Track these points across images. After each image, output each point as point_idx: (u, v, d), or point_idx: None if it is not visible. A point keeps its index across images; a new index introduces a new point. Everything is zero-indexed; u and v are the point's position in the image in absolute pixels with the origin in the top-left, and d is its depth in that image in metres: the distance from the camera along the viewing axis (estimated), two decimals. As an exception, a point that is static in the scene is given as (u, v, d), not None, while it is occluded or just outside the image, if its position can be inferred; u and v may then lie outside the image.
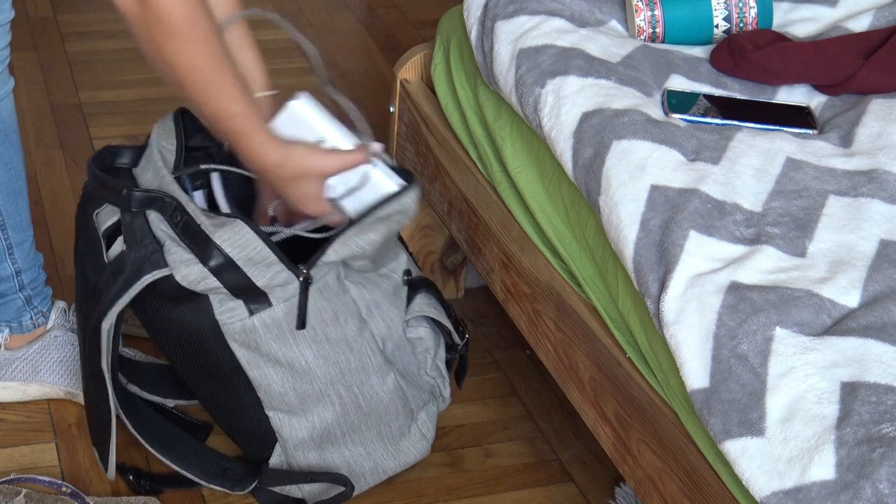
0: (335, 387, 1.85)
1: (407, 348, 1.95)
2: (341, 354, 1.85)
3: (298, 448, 1.88)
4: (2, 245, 1.99)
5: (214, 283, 1.75)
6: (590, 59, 1.87)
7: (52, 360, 2.06)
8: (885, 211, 1.65)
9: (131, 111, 2.91)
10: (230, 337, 1.80)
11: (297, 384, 1.84)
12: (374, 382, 1.88)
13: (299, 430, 1.87)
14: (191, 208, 1.75)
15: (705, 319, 1.53)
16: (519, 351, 2.29)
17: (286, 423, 1.86)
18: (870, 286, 1.55)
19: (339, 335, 1.84)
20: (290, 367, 1.82)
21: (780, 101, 1.89)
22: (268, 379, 1.83)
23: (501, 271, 1.99)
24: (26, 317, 2.05)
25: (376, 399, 1.89)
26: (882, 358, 1.45)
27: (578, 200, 1.81)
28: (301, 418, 1.86)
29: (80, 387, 2.06)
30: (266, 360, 1.82)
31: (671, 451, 1.61)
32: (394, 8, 3.47)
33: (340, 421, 1.88)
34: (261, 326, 1.79)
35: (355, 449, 1.91)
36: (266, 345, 1.80)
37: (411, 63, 2.27)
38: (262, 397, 1.85)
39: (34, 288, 2.05)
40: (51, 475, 1.96)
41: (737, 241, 1.62)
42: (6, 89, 1.93)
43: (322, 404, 1.86)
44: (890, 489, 1.33)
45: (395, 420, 1.92)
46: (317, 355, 1.83)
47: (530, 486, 2.03)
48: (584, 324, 1.78)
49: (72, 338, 2.07)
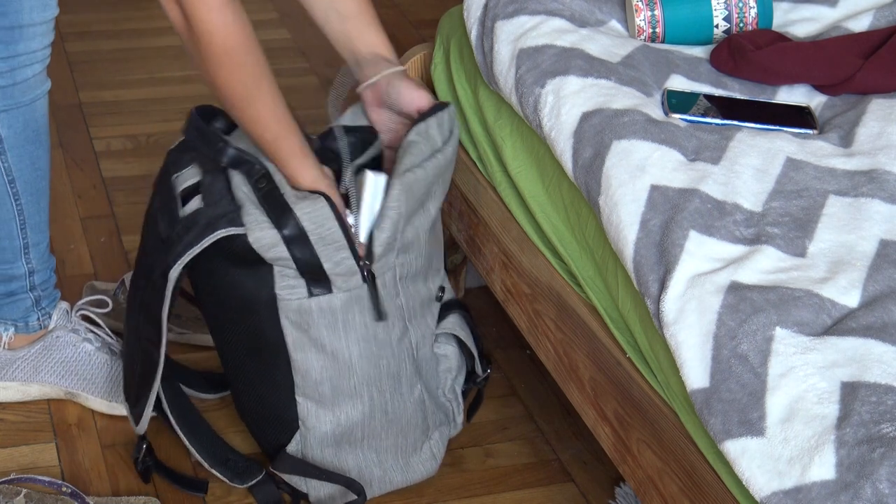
0: (369, 387, 1.85)
1: (433, 363, 1.95)
2: (384, 357, 1.85)
3: (318, 441, 1.87)
4: (19, 244, 2.00)
5: (284, 253, 1.75)
6: (590, 58, 1.87)
7: (53, 361, 2.06)
8: (885, 211, 1.65)
9: (131, 111, 2.91)
10: (284, 313, 1.80)
11: (335, 376, 1.83)
12: (404, 391, 1.88)
13: (324, 424, 1.86)
14: (277, 178, 1.77)
15: (705, 319, 1.53)
16: (519, 351, 2.29)
17: (313, 412, 1.85)
18: (870, 286, 1.55)
19: (386, 337, 1.84)
20: (333, 357, 1.82)
21: (780, 101, 1.89)
22: (308, 364, 1.82)
23: (501, 271, 1.99)
24: (33, 317, 2.06)
25: (402, 408, 1.89)
26: (882, 358, 1.45)
27: (578, 200, 1.81)
28: (329, 411, 1.85)
29: (80, 387, 2.06)
30: (312, 345, 1.81)
31: (671, 451, 1.61)
32: (394, 8, 3.47)
33: (365, 423, 1.87)
34: (316, 310, 1.79)
35: (370, 455, 1.90)
36: (317, 329, 1.80)
37: (411, 63, 2.26)
38: (298, 381, 1.84)
39: (44, 289, 2.05)
40: (51, 475, 1.96)
41: (737, 241, 1.62)
42: (42, 89, 1.95)
43: (353, 402, 1.85)
44: (890, 489, 1.33)
45: (412, 433, 1.92)
46: (362, 352, 1.83)
47: (530, 486, 2.03)
48: (584, 324, 1.78)
49: (73, 339, 2.07)
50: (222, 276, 1.82)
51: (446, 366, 1.99)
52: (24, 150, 1.95)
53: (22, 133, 1.93)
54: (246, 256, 1.77)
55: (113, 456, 2.01)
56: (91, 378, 2.06)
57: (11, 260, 2.00)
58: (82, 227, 2.52)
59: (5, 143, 1.92)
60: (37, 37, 1.88)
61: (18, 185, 1.96)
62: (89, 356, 2.06)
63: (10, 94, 1.90)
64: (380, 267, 1.81)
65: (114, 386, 2.06)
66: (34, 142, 1.96)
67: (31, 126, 1.94)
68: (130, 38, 3.26)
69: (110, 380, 2.06)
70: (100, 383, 2.06)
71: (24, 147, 1.94)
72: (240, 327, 1.85)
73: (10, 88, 1.89)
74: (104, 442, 2.04)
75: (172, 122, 2.84)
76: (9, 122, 1.91)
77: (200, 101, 1.93)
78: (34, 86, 1.92)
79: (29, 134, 1.94)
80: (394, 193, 1.79)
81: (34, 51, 1.89)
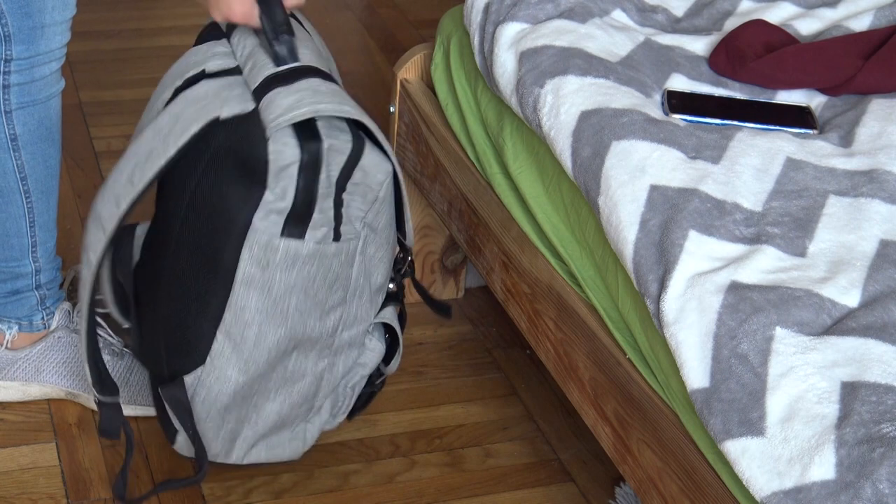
0: (288, 343, 1.82)
1: (353, 350, 1.93)
2: (313, 317, 1.82)
3: (217, 382, 1.82)
4: (27, 242, 2.00)
5: (293, 176, 1.73)
6: (589, 58, 1.87)
7: (55, 361, 2.06)
8: (885, 211, 1.65)
9: (131, 111, 2.91)
10: (249, 243, 1.76)
11: (265, 322, 1.79)
12: (310, 358, 1.85)
13: (231, 368, 1.82)
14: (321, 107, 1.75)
15: (705, 319, 1.53)
16: (519, 351, 2.29)
17: (227, 354, 1.81)
18: (870, 286, 1.55)
19: (323, 300, 1.82)
20: (273, 303, 1.78)
21: (781, 101, 1.89)
22: (246, 301, 1.78)
23: (501, 271, 1.99)
24: (38, 316, 2.06)
25: (301, 375, 1.86)
26: (882, 358, 1.45)
27: (578, 200, 1.81)
28: (241, 358, 1.81)
29: (81, 388, 2.06)
30: (260, 285, 1.77)
31: (671, 451, 1.61)
32: (394, 8, 3.47)
33: (264, 377, 1.84)
34: (283, 251, 1.76)
35: (251, 413, 1.87)
36: (272, 270, 1.77)
37: (411, 63, 2.27)
38: (227, 317, 1.80)
39: (50, 289, 2.06)
40: (51, 475, 1.96)
41: (737, 241, 1.62)
42: (58, 88, 1.96)
43: (265, 355, 1.82)
44: (890, 489, 1.33)
45: (297, 407, 1.90)
46: (298, 305, 1.80)
47: (530, 486, 2.03)
48: (584, 324, 1.78)
49: (75, 339, 2.07)
50: (211, 181, 1.76)
51: (364, 360, 1.96)
52: (38, 147, 1.95)
53: (36, 131, 1.94)
54: (243, 170, 1.74)
55: (113, 456, 2.01)
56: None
57: (19, 257, 2.00)
58: (82, 227, 2.52)
59: (20, 141, 1.93)
60: (56, 35, 1.90)
61: (30, 183, 1.96)
62: None
63: (28, 91, 1.91)
64: (346, 230, 1.80)
65: (121, 387, 2.04)
66: (47, 140, 1.96)
67: (45, 124, 1.95)
68: (130, 38, 3.26)
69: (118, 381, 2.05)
70: None
71: (38, 145, 1.95)
72: (200, 238, 1.79)
73: (27, 86, 1.90)
74: (104, 442, 2.03)
75: (172, 122, 2.84)
76: (24, 119, 1.92)
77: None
78: (51, 83, 1.94)
79: (42, 132, 1.95)
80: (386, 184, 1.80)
81: (53, 49, 1.91)
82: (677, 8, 2.11)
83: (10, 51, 1.87)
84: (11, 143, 1.93)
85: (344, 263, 1.82)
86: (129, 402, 2.03)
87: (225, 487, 1.97)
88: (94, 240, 1.79)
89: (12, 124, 1.91)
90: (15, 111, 1.91)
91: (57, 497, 1.94)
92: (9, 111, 1.91)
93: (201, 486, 1.97)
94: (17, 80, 1.89)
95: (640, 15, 2.06)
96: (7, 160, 1.94)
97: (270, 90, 1.74)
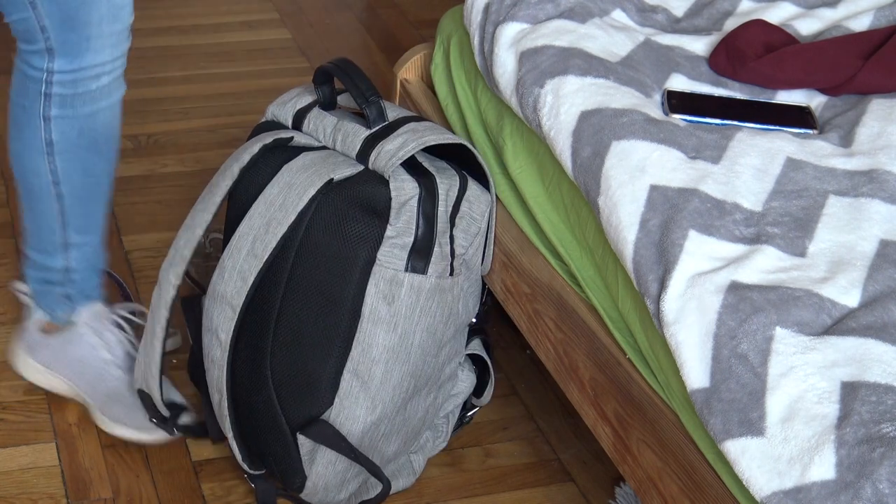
0: (410, 380, 1.83)
1: (450, 382, 1.95)
2: (431, 354, 1.84)
3: (348, 422, 1.82)
4: (59, 240, 1.99)
5: (413, 209, 1.79)
6: (589, 58, 1.87)
7: (70, 357, 2.04)
8: (885, 211, 1.65)
9: (131, 111, 2.89)
10: (375, 279, 1.78)
11: (392, 360, 1.80)
12: (422, 395, 1.88)
13: (360, 407, 1.82)
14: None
15: (705, 319, 1.53)
16: (519, 351, 2.29)
17: (355, 392, 1.81)
18: (870, 286, 1.55)
19: (441, 336, 1.84)
20: (400, 339, 1.80)
21: (781, 101, 1.89)
22: (373, 339, 1.79)
23: (501, 271, 1.99)
24: (60, 309, 2.06)
25: (415, 413, 1.88)
26: (882, 358, 1.45)
27: (578, 201, 1.81)
28: (369, 396, 1.81)
29: (86, 390, 2.04)
30: (387, 320, 1.79)
31: (671, 451, 1.61)
32: (394, 8, 3.47)
33: (390, 420, 1.85)
34: (407, 286, 1.78)
35: (374, 457, 1.87)
36: (399, 305, 1.78)
37: (411, 63, 2.26)
38: (355, 355, 1.80)
39: (79, 289, 2.04)
40: (51, 475, 1.96)
41: (737, 241, 1.62)
42: (108, 101, 1.90)
43: (393, 393, 1.82)
44: (890, 489, 1.33)
45: (409, 442, 1.91)
46: (422, 343, 1.82)
47: (530, 486, 2.03)
48: (584, 324, 1.78)
49: (95, 342, 2.05)
50: (341, 213, 1.79)
51: (458, 390, 1.99)
52: (75, 155, 1.92)
53: (76, 140, 1.90)
54: (373, 205, 1.78)
55: (113, 456, 2.01)
56: (96, 387, 2.04)
57: (51, 252, 2.00)
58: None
59: (55, 147, 1.90)
60: (106, 48, 1.84)
61: (63, 188, 1.94)
62: (104, 365, 2.05)
63: (71, 103, 1.87)
64: (457, 265, 1.85)
65: (115, 404, 2.02)
66: (89, 149, 1.92)
67: (87, 135, 1.91)
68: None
69: (114, 398, 2.03)
70: (101, 396, 2.04)
71: (75, 153, 1.92)
72: (322, 278, 1.80)
73: (69, 98, 1.87)
74: (104, 442, 2.04)
75: (172, 122, 2.84)
76: (63, 127, 1.89)
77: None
78: (97, 97, 1.88)
79: (83, 142, 1.91)
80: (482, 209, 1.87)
81: (102, 63, 1.85)
82: (677, 8, 2.11)
83: (52, 64, 1.83)
84: (47, 147, 1.90)
85: (456, 298, 1.85)
86: None
87: (225, 487, 1.97)
88: (223, 318, 1.81)
89: (49, 130, 1.89)
90: (54, 119, 1.88)
91: (57, 497, 1.94)
92: (47, 117, 1.88)
93: (201, 486, 1.97)
94: (58, 91, 1.86)
95: (640, 15, 2.06)
96: (41, 162, 1.91)
97: (373, 148, 1.80)
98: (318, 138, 1.88)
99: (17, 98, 1.90)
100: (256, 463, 1.90)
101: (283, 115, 1.92)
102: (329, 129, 1.87)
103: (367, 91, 1.85)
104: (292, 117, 1.91)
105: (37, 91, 1.86)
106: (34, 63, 1.85)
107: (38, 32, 1.81)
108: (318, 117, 1.89)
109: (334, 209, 1.79)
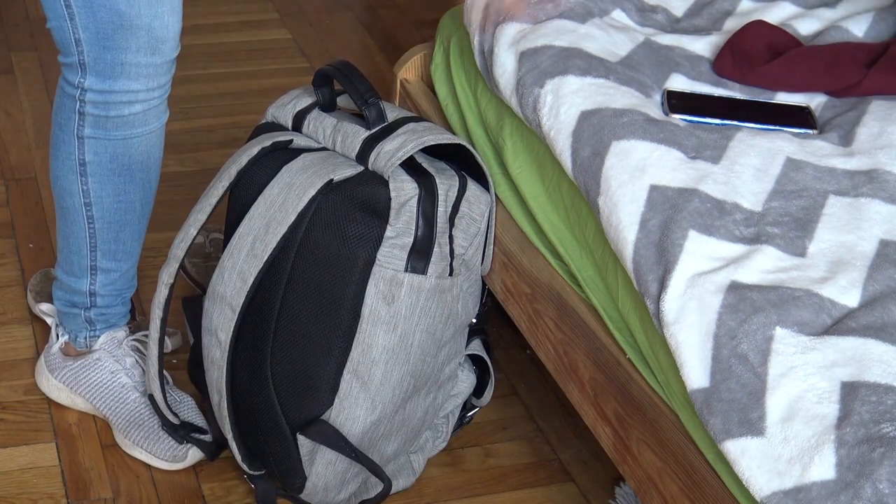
0: (410, 380, 1.83)
1: (450, 382, 1.95)
2: (431, 354, 1.84)
3: (348, 422, 1.82)
4: (87, 263, 1.99)
5: (413, 209, 1.79)
6: (588, 58, 1.87)
7: (90, 382, 2.04)
8: (885, 211, 1.65)
9: (131, 111, 2.91)
10: (375, 279, 1.78)
11: (391, 360, 1.80)
12: (422, 395, 1.88)
13: (360, 408, 1.82)
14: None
15: (705, 319, 1.53)
16: (519, 351, 2.29)
17: (355, 393, 1.81)
18: (870, 286, 1.55)
19: (440, 337, 1.84)
20: (399, 339, 1.80)
21: (780, 101, 1.89)
22: (373, 339, 1.79)
23: (501, 271, 1.99)
24: (83, 334, 2.06)
25: (414, 412, 1.88)
26: (882, 358, 1.45)
27: (578, 201, 1.81)
28: (369, 397, 1.82)
29: (110, 410, 2.04)
30: (386, 321, 1.79)
31: (671, 451, 1.61)
32: (394, 8, 3.47)
33: (389, 420, 1.85)
34: (407, 286, 1.78)
35: (373, 456, 1.87)
36: (398, 305, 1.78)
37: (411, 63, 2.26)
38: (354, 355, 1.80)
39: (102, 315, 2.04)
40: (51, 475, 1.96)
41: (737, 241, 1.62)
42: (144, 129, 1.90)
43: (393, 392, 1.82)
44: (890, 489, 1.33)
45: (408, 442, 1.91)
46: (422, 343, 1.82)
47: (530, 486, 2.03)
48: (584, 324, 1.78)
49: (113, 367, 2.04)
50: (340, 213, 1.79)
51: (457, 391, 1.99)
52: (108, 178, 1.92)
53: (108, 164, 1.90)
54: (373, 206, 1.78)
55: (113, 456, 2.01)
56: (116, 411, 2.03)
57: (78, 274, 2.00)
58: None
59: (88, 167, 1.90)
60: (140, 78, 1.84)
61: (94, 211, 1.94)
62: (122, 390, 2.04)
63: (103, 125, 1.87)
64: (456, 265, 1.85)
65: (135, 428, 2.01)
66: (122, 175, 1.92)
67: (119, 160, 1.90)
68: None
69: (134, 422, 2.02)
70: (121, 419, 2.03)
71: (108, 176, 1.92)
72: (322, 278, 1.80)
73: (102, 119, 1.87)
74: (104, 442, 2.04)
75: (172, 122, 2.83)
76: (95, 149, 1.89)
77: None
78: (131, 124, 1.88)
79: (115, 166, 1.91)
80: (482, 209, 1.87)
81: (135, 91, 1.85)
82: (677, 8, 2.11)
83: (83, 79, 1.83)
84: (80, 167, 1.90)
85: (455, 298, 1.85)
86: None
87: (225, 487, 1.97)
88: (223, 319, 1.80)
89: (83, 150, 1.89)
90: (87, 139, 1.88)
91: (57, 497, 1.94)
92: (81, 137, 1.88)
93: (201, 486, 1.97)
94: (91, 111, 1.86)
95: (640, 15, 2.06)
96: (74, 181, 1.92)
97: (373, 149, 1.81)
98: (317, 139, 1.88)
99: (55, 116, 1.91)
100: (256, 463, 1.90)
101: (283, 116, 1.92)
102: (329, 131, 1.87)
103: (366, 93, 1.85)
104: (292, 119, 1.91)
105: (72, 108, 1.87)
106: (69, 77, 1.85)
107: (72, 44, 1.81)
108: (317, 119, 1.89)
109: (334, 210, 1.79)
